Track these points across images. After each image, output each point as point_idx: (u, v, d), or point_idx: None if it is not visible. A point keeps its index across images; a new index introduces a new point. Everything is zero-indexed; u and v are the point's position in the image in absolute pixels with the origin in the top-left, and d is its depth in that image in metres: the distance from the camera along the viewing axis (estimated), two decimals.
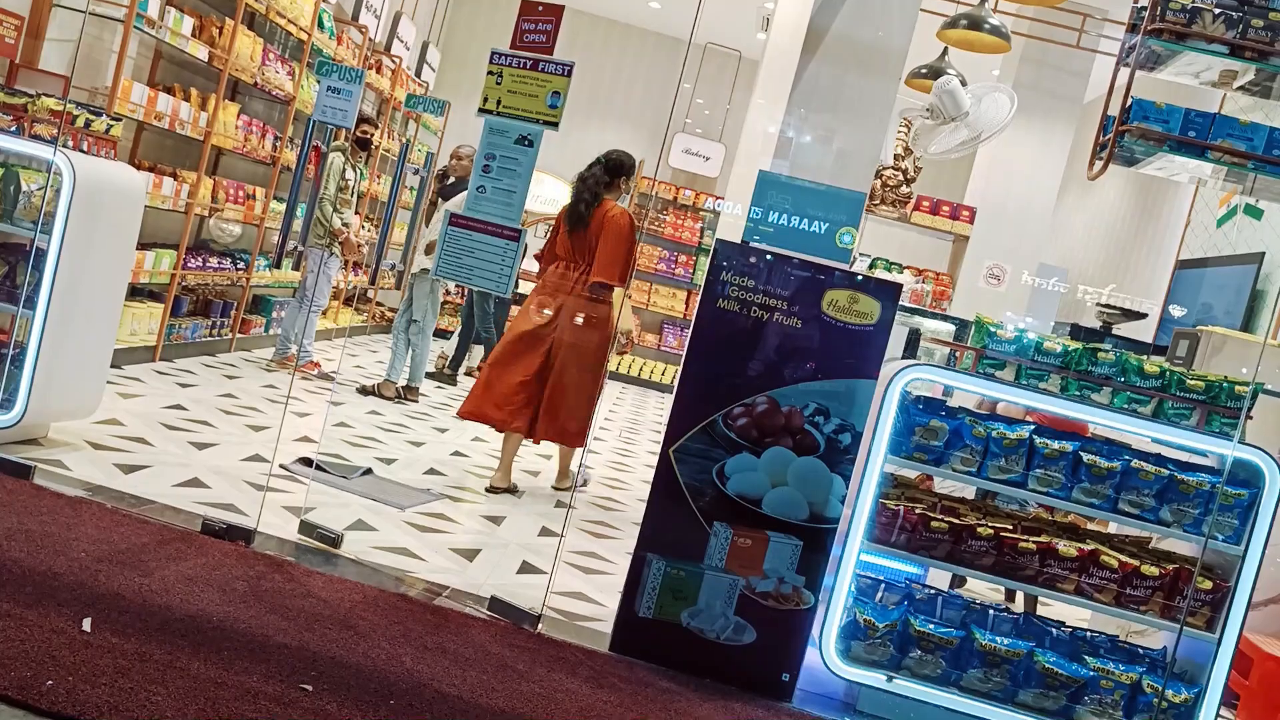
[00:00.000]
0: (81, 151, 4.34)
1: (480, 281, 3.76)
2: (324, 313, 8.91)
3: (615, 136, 13.74)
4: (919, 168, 8.24)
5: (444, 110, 6.45)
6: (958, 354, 3.74)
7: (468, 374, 9.93)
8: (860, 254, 7.12)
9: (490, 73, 3.76)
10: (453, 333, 9.78)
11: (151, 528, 3.58)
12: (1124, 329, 6.92)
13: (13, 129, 4.20)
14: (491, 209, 3.75)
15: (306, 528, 3.96)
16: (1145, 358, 3.58)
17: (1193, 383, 3.47)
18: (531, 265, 9.67)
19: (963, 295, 8.41)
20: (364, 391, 7.45)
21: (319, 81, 4.01)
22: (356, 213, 7.83)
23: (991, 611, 3.65)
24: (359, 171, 7.75)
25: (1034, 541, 3.47)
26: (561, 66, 3.68)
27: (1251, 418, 3.47)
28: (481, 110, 3.78)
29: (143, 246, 6.17)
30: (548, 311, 5.48)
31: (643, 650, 3.52)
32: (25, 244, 4.16)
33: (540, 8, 3.76)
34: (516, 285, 9.82)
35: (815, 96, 5.48)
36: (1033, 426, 3.53)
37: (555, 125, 3.71)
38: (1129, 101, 3.94)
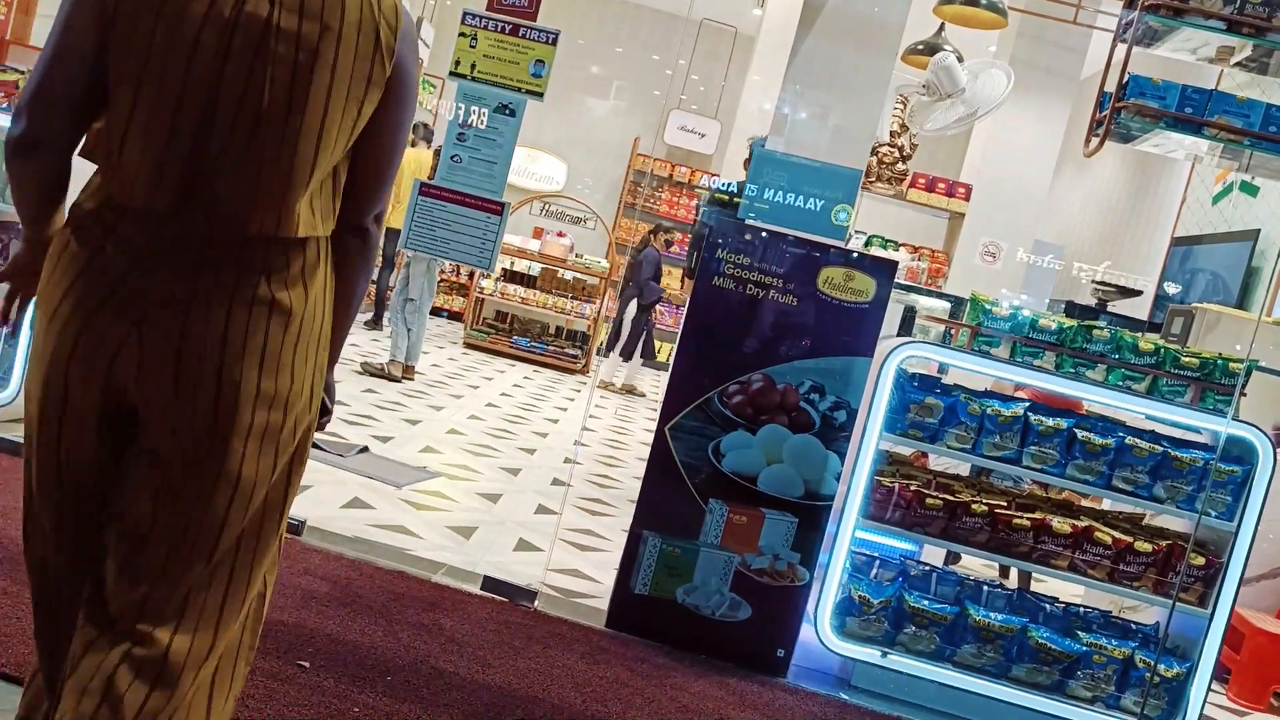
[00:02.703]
0: None
1: (458, 255, 3.60)
2: None
3: (611, 113, 13.69)
4: (915, 144, 8.23)
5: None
6: (953, 331, 3.75)
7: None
8: (856, 231, 7.11)
9: (462, 34, 3.56)
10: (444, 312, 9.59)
11: None
12: (1119, 306, 6.92)
13: (4, 106, 4.18)
14: (469, 179, 3.58)
15: None
16: (1140, 335, 3.58)
17: (1187, 360, 3.47)
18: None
19: (958, 272, 8.42)
20: (369, 371, 7.44)
21: None
22: None
23: (985, 588, 3.67)
24: None
25: (1028, 518, 3.49)
26: (546, 34, 3.52)
27: (1245, 395, 3.48)
28: (453, 74, 3.58)
29: None
30: None
31: (638, 627, 3.53)
32: (18, 222, 4.14)
33: None
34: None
35: (811, 73, 5.45)
36: (1027, 404, 3.54)
37: (539, 95, 3.55)
38: (1126, 78, 3.92)
